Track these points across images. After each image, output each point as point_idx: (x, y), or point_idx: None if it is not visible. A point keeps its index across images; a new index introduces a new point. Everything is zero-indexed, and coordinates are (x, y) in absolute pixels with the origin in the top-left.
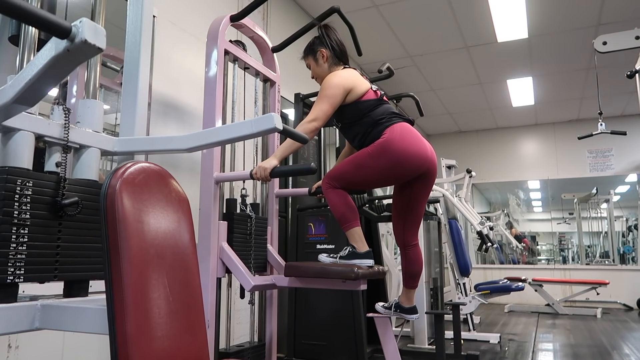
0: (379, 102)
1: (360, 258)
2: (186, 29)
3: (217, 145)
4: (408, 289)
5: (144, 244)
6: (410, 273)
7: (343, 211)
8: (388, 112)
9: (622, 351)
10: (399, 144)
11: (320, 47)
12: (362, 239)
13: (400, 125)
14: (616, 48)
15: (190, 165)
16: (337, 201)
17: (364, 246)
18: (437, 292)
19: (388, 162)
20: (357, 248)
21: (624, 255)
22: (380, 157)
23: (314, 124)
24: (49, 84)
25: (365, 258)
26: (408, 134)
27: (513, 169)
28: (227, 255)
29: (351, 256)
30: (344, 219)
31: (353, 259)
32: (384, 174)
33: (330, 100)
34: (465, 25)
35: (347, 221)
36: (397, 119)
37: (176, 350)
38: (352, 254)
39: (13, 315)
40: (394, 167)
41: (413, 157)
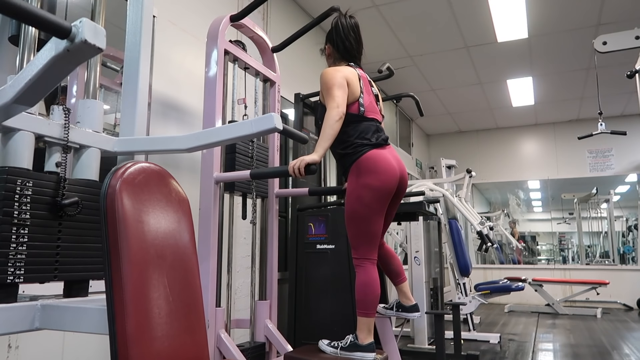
0: (358, 118)
1: (362, 351)
2: (186, 29)
3: (217, 145)
4: (399, 285)
5: (144, 244)
6: (393, 269)
7: (365, 298)
8: (361, 135)
9: (622, 351)
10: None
11: (327, 42)
12: (370, 330)
13: (366, 156)
14: (616, 48)
15: (190, 165)
16: (362, 285)
17: (369, 337)
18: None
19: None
20: (360, 339)
21: (624, 255)
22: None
23: (339, 109)
24: (49, 84)
25: (367, 351)
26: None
27: (513, 169)
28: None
29: (352, 348)
30: (362, 304)
31: (354, 351)
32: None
33: (341, 88)
34: (465, 25)
35: (365, 308)
36: (365, 148)
37: (176, 350)
38: (354, 345)
39: (13, 315)
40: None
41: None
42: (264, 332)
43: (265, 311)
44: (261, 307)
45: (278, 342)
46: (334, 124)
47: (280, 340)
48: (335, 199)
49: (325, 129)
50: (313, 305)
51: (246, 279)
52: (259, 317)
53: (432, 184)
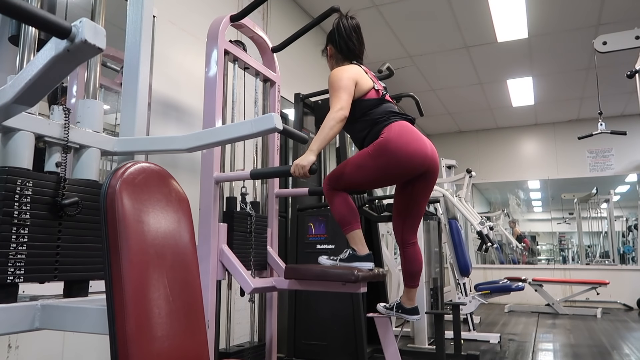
0: (380, 101)
1: (361, 261)
2: (186, 28)
3: (217, 145)
4: (409, 288)
5: (144, 244)
6: (410, 272)
7: (344, 213)
8: (387, 111)
9: (622, 351)
10: (397, 143)
11: (329, 43)
12: (362, 241)
13: (398, 124)
14: (616, 48)
15: (190, 165)
16: (338, 203)
17: (364, 249)
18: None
19: (387, 161)
20: (357, 251)
21: (624, 255)
22: (379, 157)
23: (342, 112)
24: (49, 84)
25: (366, 261)
26: (406, 133)
27: (513, 169)
28: (227, 257)
29: (351, 259)
30: (344, 221)
31: (353, 261)
32: (383, 173)
33: (347, 89)
34: (465, 25)
35: (348, 223)
36: (396, 117)
37: (176, 350)
38: (352, 256)
39: (13, 315)
40: (393, 166)
41: (412, 156)
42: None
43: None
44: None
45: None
46: (334, 125)
47: (280, 263)
48: None
49: (325, 129)
50: (313, 306)
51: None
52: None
53: None
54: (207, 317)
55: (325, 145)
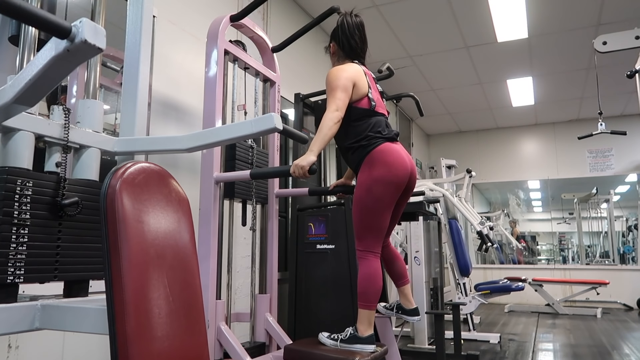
0: (369, 113)
1: (362, 343)
2: (186, 28)
3: (217, 145)
4: (401, 287)
5: (144, 244)
6: (396, 271)
7: (367, 290)
8: (374, 129)
9: (622, 351)
10: (381, 172)
11: (332, 40)
12: (370, 322)
13: (379, 149)
14: (616, 48)
15: (190, 165)
16: (365, 277)
17: (369, 330)
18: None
19: (381, 190)
20: (359, 331)
21: (624, 255)
22: (372, 191)
23: (337, 113)
24: (49, 84)
25: (367, 343)
26: (389, 157)
27: (513, 169)
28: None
29: (352, 340)
30: (364, 297)
31: (354, 343)
32: (384, 200)
33: (344, 89)
34: (465, 25)
35: (367, 301)
36: (378, 140)
37: (176, 350)
38: (354, 337)
39: (13, 315)
40: (388, 191)
41: (396, 176)
42: (264, 325)
43: (266, 305)
44: (261, 301)
45: (278, 336)
46: (332, 126)
47: (281, 334)
48: (335, 199)
49: (322, 130)
50: (313, 306)
51: (246, 279)
52: (259, 311)
53: (432, 184)
54: (207, 317)
55: (325, 146)
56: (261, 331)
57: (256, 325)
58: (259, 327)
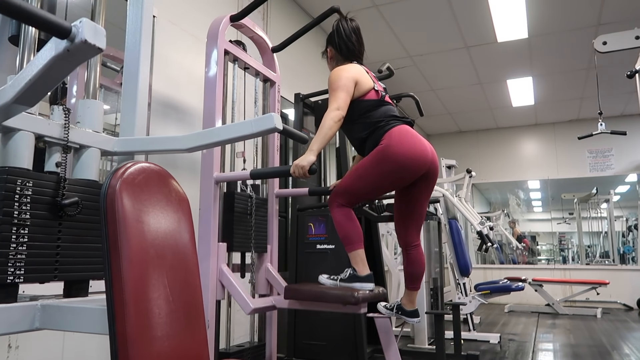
0: (380, 103)
1: (361, 281)
2: (186, 29)
3: (217, 145)
4: (410, 291)
5: (144, 244)
6: (412, 274)
7: (347, 232)
8: (387, 114)
9: (622, 351)
10: (399, 149)
11: (328, 45)
12: (364, 262)
13: (398, 128)
14: (616, 48)
15: (190, 165)
16: (342, 221)
17: (365, 269)
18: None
19: (390, 167)
20: (358, 271)
21: (624, 255)
22: (381, 164)
23: (339, 112)
24: (49, 84)
25: (366, 282)
26: (407, 137)
27: (513, 169)
28: (226, 277)
29: (352, 279)
30: (347, 239)
31: (354, 282)
32: (387, 180)
33: (345, 89)
34: (465, 25)
35: (351, 242)
36: (395, 121)
37: (176, 350)
38: (353, 277)
39: (13, 315)
40: (397, 172)
41: (414, 160)
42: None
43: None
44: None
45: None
46: (333, 125)
47: (281, 282)
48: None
49: (323, 129)
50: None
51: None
52: (260, 265)
53: None
54: (207, 317)
55: (325, 145)
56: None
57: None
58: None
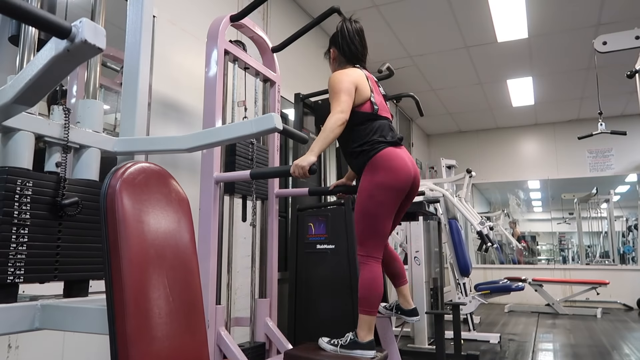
0: (373, 117)
1: (362, 349)
2: (186, 29)
3: (217, 145)
4: (400, 287)
5: (144, 244)
6: (394, 272)
7: (368, 295)
8: (376, 133)
9: (622, 351)
10: (387, 178)
11: (332, 46)
12: (371, 328)
13: (382, 154)
14: (616, 48)
15: (190, 165)
16: (366, 282)
17: (369, 335)
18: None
19: (383, 193)
20: (360, 337)
21: (624, 255)
22: (375, 195)
23: (342, 115)
24: (49, 84)
25: (367, 349)
26: (392, 162)
27: (513, 169)
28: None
29: (352, 346)
30: (365, 302)
31: (354, 349)
32: (387, 202)
33: (347, 92)
34: (465, 25)
35: (369, 306)
36: (381, 145)
37: (176, 350)
38: (354, 343)
39: (13, 315)
40: (391, 196)
41: (401, 182)
42: (264, 330)
43: (265, 309)
44: (261, 305)
45: (278, 340)
46: (335, 128)
47: (280, 338)
48: (335, 199)
49: (326, 131)
50: (313, 306)
51: (246, 279)
52: (259, 315)
53: (432, 184)
54: (207, 317)
55: (326, 148)
56: (261, 335)
57: (256, 329)
58: (259, 331)
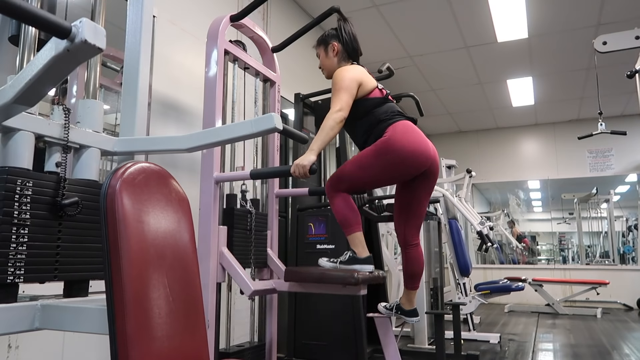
0: (384, 100)
1: (361, 263)
2: (186, 29)
3: (217, 145)
4: (409, 290)
5: (144, 244)
6: (411, 273)
7: (346, 215)
8: (391, 110)
9: (622, 351)
10: (401, 142)
11: (334, 40)
12: (363, 244)
13: (402, 123)
14: (616, 48)
15: (190, 165)
16: (339, 205)
17: (365, 251)
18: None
19: (390, 160)
20: (357, 253)
21: (624, 255)
22: (383, 156)
23: (341, 113)
24: (49, 84)
25: (366, 263)
26: (410, 132)
27: (513, 169)
28: (227, 259)
29: (351, 261)
30: (346, 223)
31: (353, 264)
32: (386, 172)
33: (348, 91)
34: (465, 25)
35: (349, 225)
36: (399, 117)
37: (176, 350)
38: (353, 259)
39: (13, 315)
40: (397, 165)
41: (415, 155)
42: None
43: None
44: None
45: (278, 268)
46: (334, 125)
47: (280, 266)
48: None
49: (324, 129)
50: (313, 306)
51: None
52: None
53: None
54: (207, 317)
55: (326, 146)
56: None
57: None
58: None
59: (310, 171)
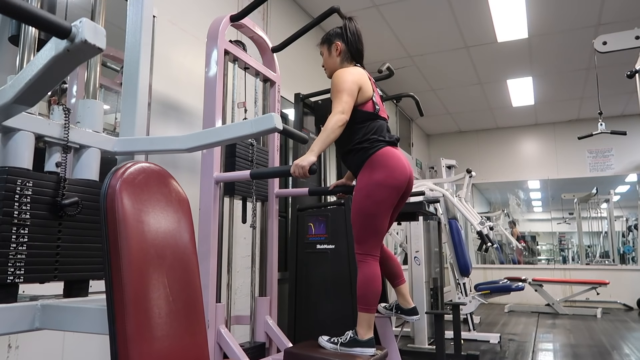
0: (374, 116)
1: (362, 346)
2: (186, 29)
3: (217, 145)
4: (398, 287)
5: (144, 244)
6: (391, 272)
7: (366, 293)
8: (380, 132)
9: (622, 351)
10: (385, 176)
11: (337, 39)
12: (370, 325)
13: (382, 153)
14: (616, 48)
15: (190, 165)
16: (364, 280)
17: (369, 333)
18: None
19: (383, 193)
20: (360, 334)
21: (624, 255)
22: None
23: (343, 116)
24: (49, 84)
25: (367, 347)
26: (390, 161)
27: (513, 169)
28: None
29: (352, 343)
30: (364, 300)
31: (354, 346)
32: (384, 204)
33: (350, 92)
34: (465, 25)
35: (366, 304)
36: (380, 143)
37: (176, 350)
38: (354, 341)
39: (13, 315)
40: (388, 195)
41: (398, 181)
42: (264, 328)
43: (266, 307)
44: (261, 304)
45: (278, 339)
46: (336, 129)
47: (281, 337)
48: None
49: (326, 132)
50: (313, 306)
51: (246, 279)
52: (259, 313)
53: (432, 184)
54: (207, 317)
55: (326, 148)
56: (261, 334)
57: (256, 328)
58: (259, 329)
59: (310, 171)
